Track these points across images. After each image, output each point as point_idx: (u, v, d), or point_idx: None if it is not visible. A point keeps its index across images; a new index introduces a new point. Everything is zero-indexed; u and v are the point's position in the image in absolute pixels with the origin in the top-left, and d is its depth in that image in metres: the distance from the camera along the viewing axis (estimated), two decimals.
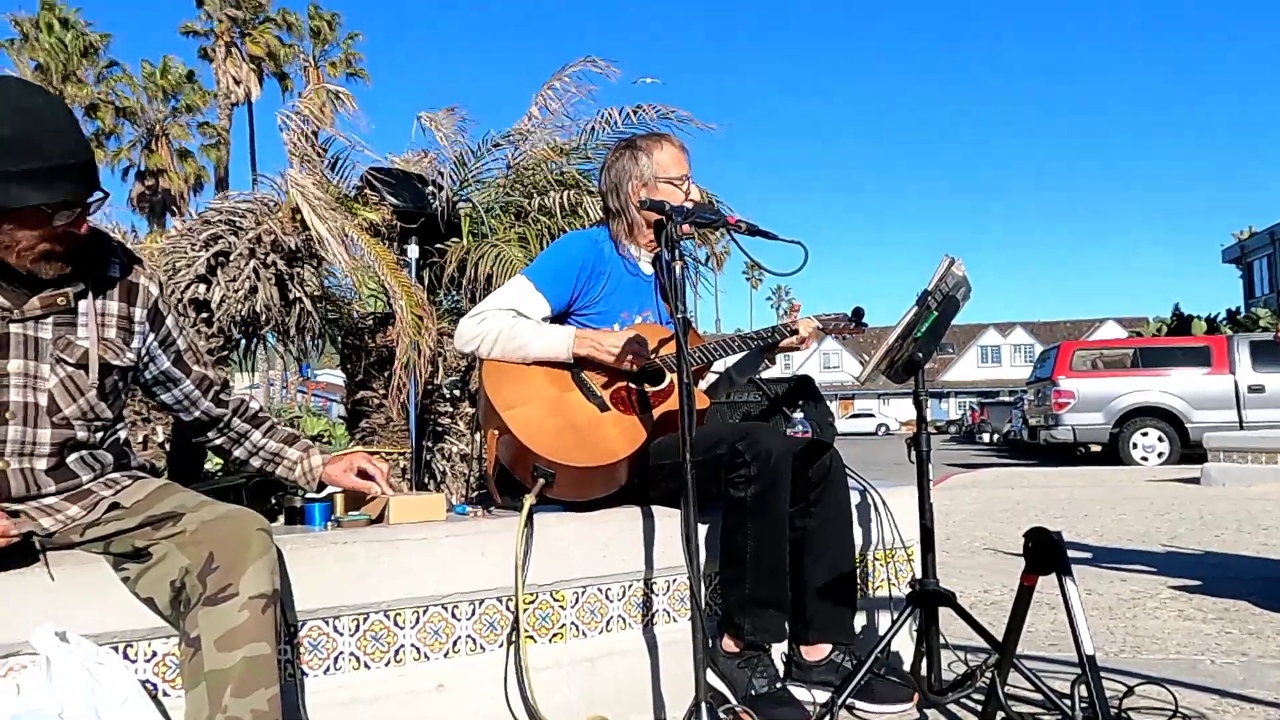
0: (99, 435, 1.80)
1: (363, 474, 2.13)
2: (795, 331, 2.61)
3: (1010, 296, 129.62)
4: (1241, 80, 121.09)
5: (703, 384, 2.73)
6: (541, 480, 2.23)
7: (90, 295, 1.78)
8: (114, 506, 1.75)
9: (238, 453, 2.10)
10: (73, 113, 1.74)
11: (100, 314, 1.79)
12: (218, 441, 2.09)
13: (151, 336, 1.88)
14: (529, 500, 2.19)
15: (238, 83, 34.44)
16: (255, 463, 2.12)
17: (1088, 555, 4.98)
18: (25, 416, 1.69)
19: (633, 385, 2.47)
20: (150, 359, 1.90)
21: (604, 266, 2.53)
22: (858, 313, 2.63)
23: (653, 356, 2.44)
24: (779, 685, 2.30)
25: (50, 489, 1.72)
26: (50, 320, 1.72)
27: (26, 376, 1.69)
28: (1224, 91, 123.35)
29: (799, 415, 2.70)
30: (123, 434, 1.88)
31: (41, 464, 1.71)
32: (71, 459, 1.75)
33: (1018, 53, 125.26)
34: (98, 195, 1.67)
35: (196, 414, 2.01)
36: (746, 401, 2.81)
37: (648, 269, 2.62)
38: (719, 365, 2.77)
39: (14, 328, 1.69)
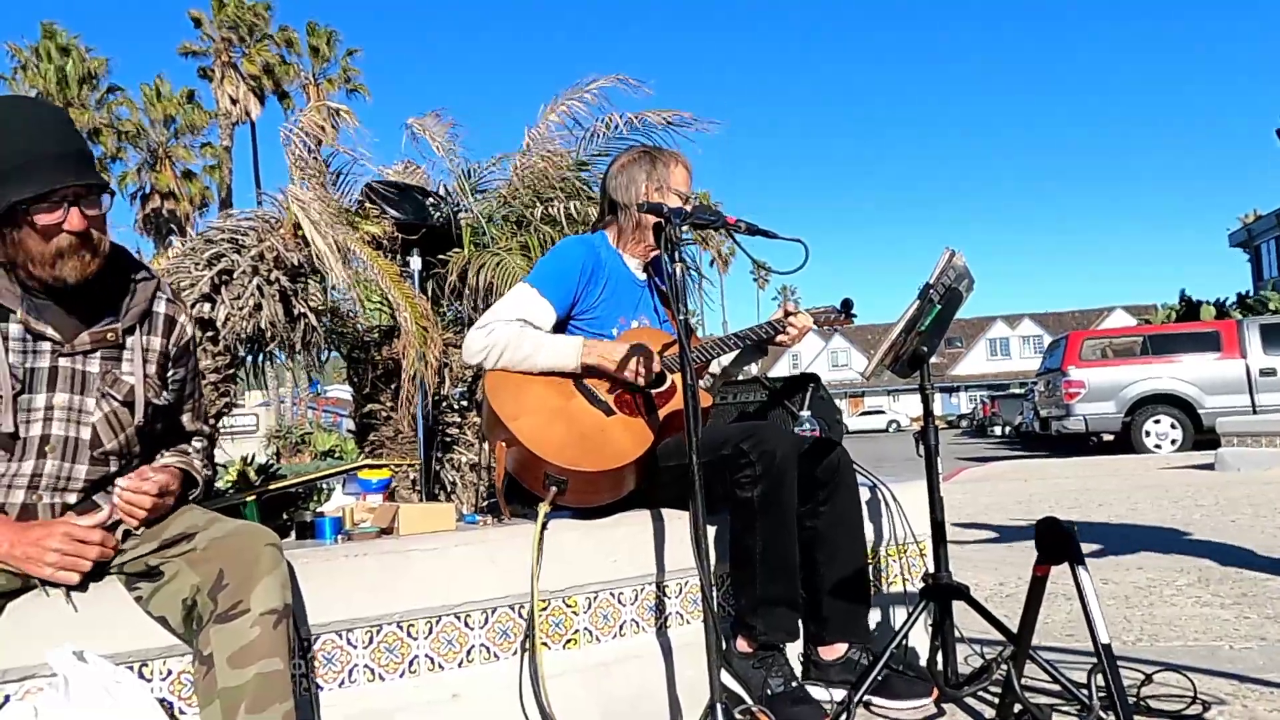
0: (124, 467, 1.80)
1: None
2: (786, 329, 2.61)
3: (1017, 288, 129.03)
4: (1242, 62, 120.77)
5: (702, 382, 2.74)
6: (554, 488, 2.24)
7: (138, 331, 1.79)
8: (129, 534, 1.75)
9: None
10: (50, 108, 1.72)
11: (145, 349, 1.80)
12: None
13: (170, 372, 1.89)
14: (544, 509, 2.19)
15: (234, 102, 34.55)
16: None
17: (1103, 545, 4.95)
18: (65, 451, 1.70)
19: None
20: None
21: (602, 271, 2.54)
22: (846, 304, 2.65)
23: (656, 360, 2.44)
24: (794, 684, 2.30)
25: None
26: (98, 354, 1.73)
27: (71, 410, 1.70)
28: (1225, 74, 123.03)
29: (806, 414, 2.70)
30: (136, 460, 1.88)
31: (72, 499, 1.72)
32: (98, 495, 1.76)
33: (1017, 40, 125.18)
34: (82, 183, 1.64)
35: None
36: (751, 400, 2.82)
37: (641, 274, 2.65)
38: (714, 367, 2.77)
39: (63, 361, 1.70)
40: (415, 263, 4.75)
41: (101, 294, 1.75)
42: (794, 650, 2.46)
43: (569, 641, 2.22)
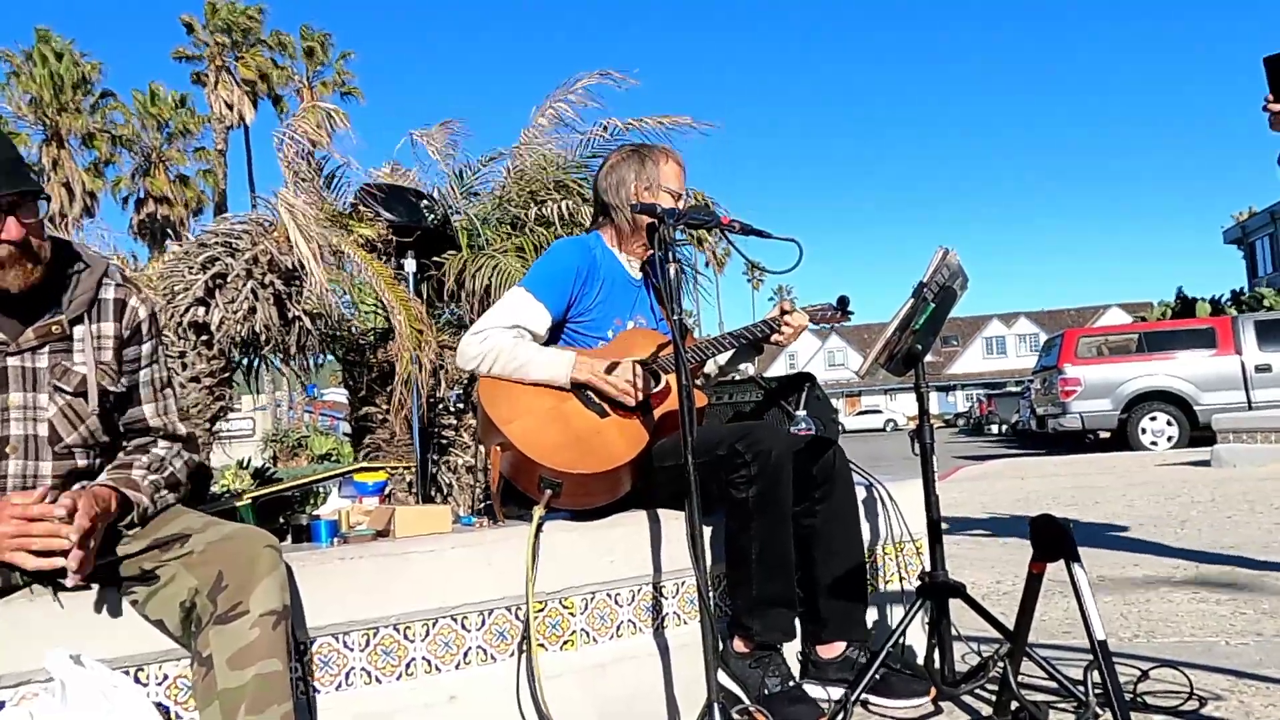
0: (98, 461, 1.80)
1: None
2: (781, 328, 2.61)
3: (1013, 286, 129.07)
4: (1239, 62, 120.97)
5: (697, 381, 2.74)
6: (549, 491, 2.23)
7: (86, 320, 1.77)
8: (119, 535, 1.75)
9: None
10: None
11: (96, 337, 1.78)
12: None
13: (124, 352, 1.85)
14: (538, 513, 2.19)
15: (229, 106, 34.57)
16: None
17: (1099, 541, 4.96)
18: (26, 449, 1.70)
19: None
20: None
21: (598, 272, 2.54)
22: (843, 301, 2.65)
23: (649, 360, 2.44)
24: (791, 684, 2.30)
25: None
26: (46, 350, 1.72)
27: (26, 409, 1.70)
28: (1222, 74, 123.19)
29: (802, 413, 2.70)
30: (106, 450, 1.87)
31: None
32: (74, 489, 1.75)
33: (1017, 40, 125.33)
34: (15, 191, 1.61)
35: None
36: (747, 400, 2.82)
37: (637, 274, 2.64)
38: (709, 366, 2.77)
39: (10, 360, 1.69)
40: (410, 265, 4.74)
41: (43, 290, 1.72)
42: (791, 649, 2.46)
43: (566, 643, 2.22)
